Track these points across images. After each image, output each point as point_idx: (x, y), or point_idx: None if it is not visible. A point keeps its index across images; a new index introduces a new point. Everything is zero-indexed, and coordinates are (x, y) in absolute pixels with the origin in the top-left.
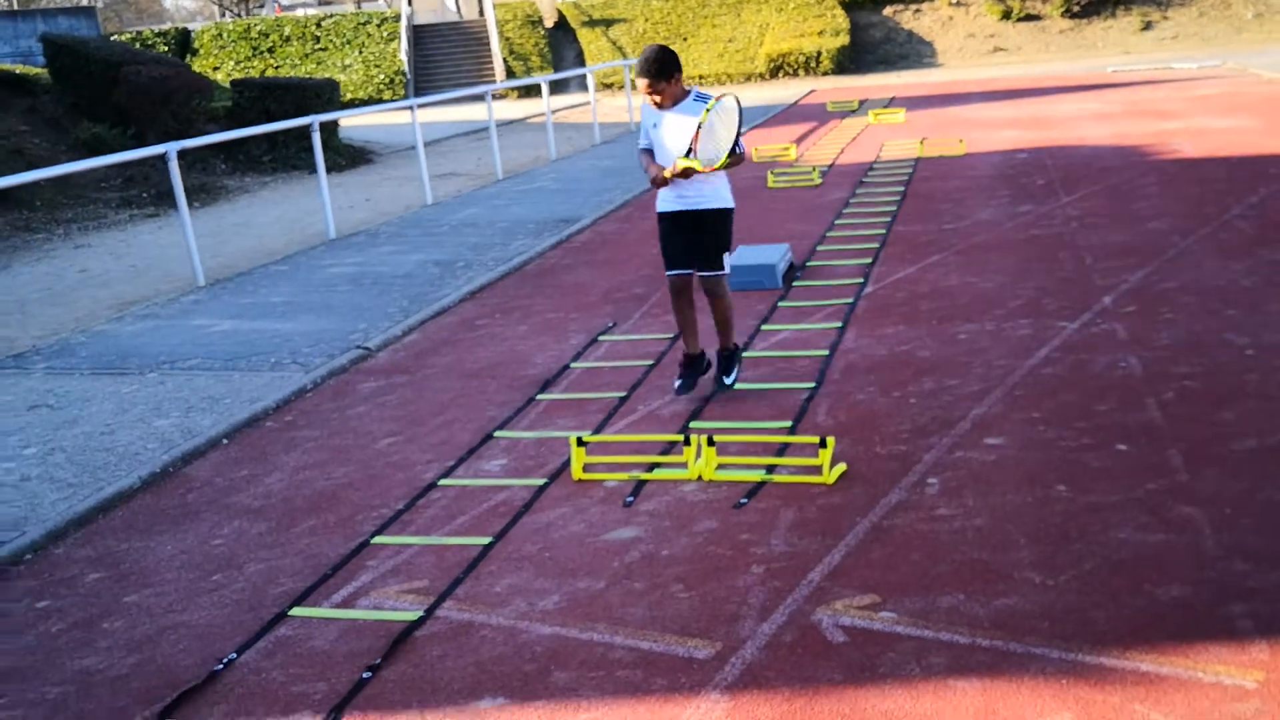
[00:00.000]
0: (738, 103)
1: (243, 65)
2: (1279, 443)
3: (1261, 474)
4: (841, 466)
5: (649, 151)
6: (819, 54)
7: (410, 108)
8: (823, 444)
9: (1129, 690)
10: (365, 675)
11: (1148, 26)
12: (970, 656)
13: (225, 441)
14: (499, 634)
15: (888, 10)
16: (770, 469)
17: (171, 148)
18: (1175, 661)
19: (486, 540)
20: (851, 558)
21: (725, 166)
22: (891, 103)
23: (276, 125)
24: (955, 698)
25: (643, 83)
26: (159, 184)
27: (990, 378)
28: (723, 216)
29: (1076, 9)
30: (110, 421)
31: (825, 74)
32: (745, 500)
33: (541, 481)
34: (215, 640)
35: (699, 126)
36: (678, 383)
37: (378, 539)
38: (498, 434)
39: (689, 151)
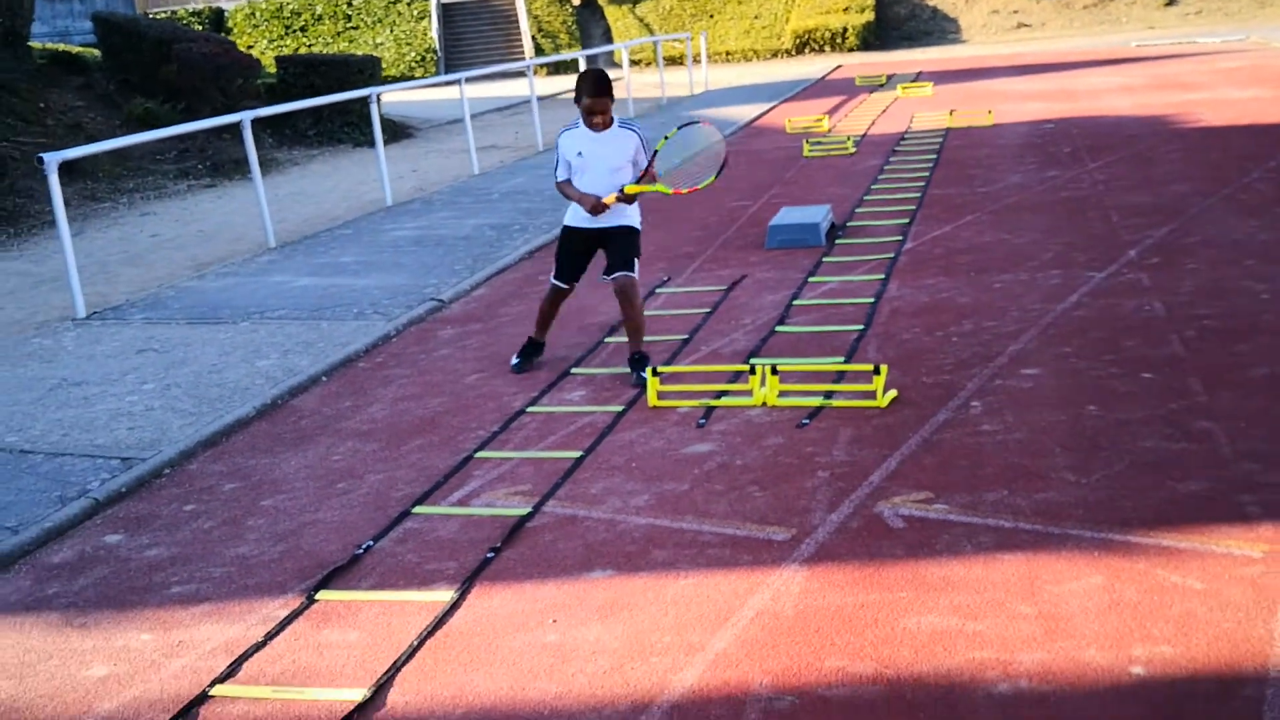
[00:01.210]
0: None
1: (275, 44)
2: None
3: (1274, 395)
4: (893, 392)
5: (569, 182)
6: (845, 30)
7: (459, 81)
8: (876, 371)
9: (1152, 559)
10: (489, 555)
11: (1171, 2)
12: (1014, 537)
13: (324, 379)
14: (600, 524)
15: None
16: (828, 395)
17: (245, 117)
18: (1192, 538)
19: (578, 454)
20: (906, 464)
21: (643, 192)
22: (919, 77)
23: (338, 97)
24: (1002, 566)
25: (591, 101)
26: (213, 156)
27: (1025, 319)
28: (632, 232)
29: None
30: (215, 362)
31: (851, 50)
32: (807, 421)
33: (620, 408)
34: (350, 533)
35: (655, 152)
36: (515, 360)
37: (481, 454)
38: (574, 371)
39: (641, 178)
